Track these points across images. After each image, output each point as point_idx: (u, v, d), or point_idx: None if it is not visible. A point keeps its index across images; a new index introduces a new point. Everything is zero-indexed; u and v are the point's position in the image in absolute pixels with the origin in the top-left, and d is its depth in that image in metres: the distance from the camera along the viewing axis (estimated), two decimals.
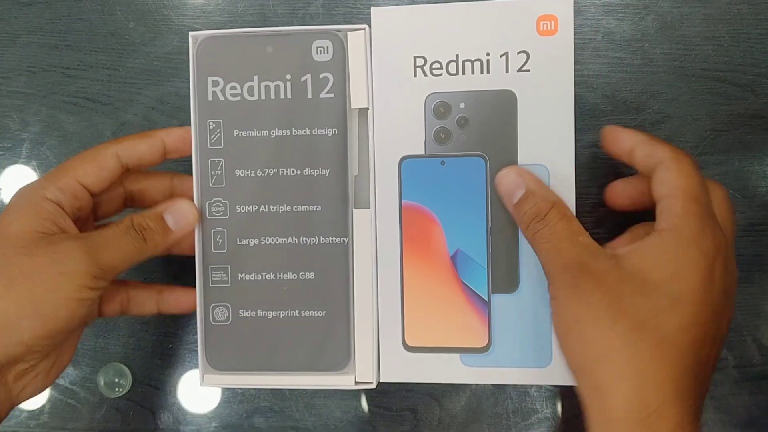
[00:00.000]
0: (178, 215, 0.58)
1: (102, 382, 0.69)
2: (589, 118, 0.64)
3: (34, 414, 0.71)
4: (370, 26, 0.58)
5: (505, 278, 0.58)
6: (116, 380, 0.69)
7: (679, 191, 0.50)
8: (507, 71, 0.57)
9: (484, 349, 0.59)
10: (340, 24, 0.64)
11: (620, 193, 0.60)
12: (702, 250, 0.49)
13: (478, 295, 0.58)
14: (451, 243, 0.58)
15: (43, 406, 0.70)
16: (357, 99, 0.58)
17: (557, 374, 0.58)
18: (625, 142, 0.55)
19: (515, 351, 0.58)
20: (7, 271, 0.51)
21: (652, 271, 0.49)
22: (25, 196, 0.55)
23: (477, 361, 0.59)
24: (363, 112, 0.59)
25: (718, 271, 0.49)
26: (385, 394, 0.67)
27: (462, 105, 0.57)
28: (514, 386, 0.65)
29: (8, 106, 0.70)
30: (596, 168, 0.64)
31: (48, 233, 0.53)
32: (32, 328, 0.51)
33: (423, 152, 0.58)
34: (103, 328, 0.70)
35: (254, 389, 0.69)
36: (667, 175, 0.51)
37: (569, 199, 0.56)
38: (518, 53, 0.56)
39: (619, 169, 0.64)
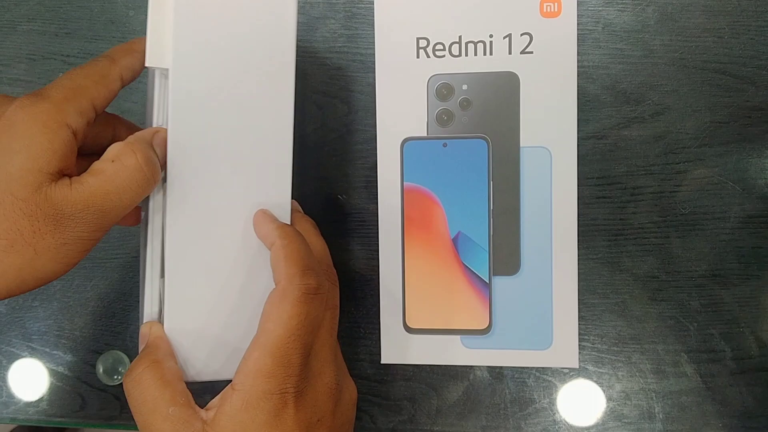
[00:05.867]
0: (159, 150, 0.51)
1: (101, 370, 0.69)
2: (589, 109, 0.64)
3: (33, 402, 0.70)
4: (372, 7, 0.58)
5: (506, 261, 0.58)
6: (115, 368, 0.69)
7: (262, 337, 0.48)
8: (510, 53, 0.57)
9: (485, 331, 0.59)
10: (342, 12, 0.64)
11: None
12: (265, 409, 0.47)
13: (479, 277, 0.58)
14: (452, 225, 0.58)
15: (43, 394, 0.70)
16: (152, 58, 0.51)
17: (558, 356, 0.58)
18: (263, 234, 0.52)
19: (516, 333, 0.58)
20: (4, 226, 0.44)
21: None
22: (41, 120, 0.45)
23: (478, 343, 0.59)
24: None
25: (288, 419, 0.48)
26: (383, 383, 0.67)
27: (464, 87, 0.58)
28: (512, 376, 0.65)
29: (8, 93, 0.70)
30: (597, 159, 0.64)
31: (53, 175, 0.45)
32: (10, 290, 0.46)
33: (425, 134, 0.58)
34: (102, 316, 0.70)
35: None
36: (268, 306, 0.49)
37: (571, 181, 0.56)
38: (521, 35, 0.57)
39: (620, 161, 0.64)
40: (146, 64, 0.50)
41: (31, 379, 0.70)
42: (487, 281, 0.58)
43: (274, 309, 0.48)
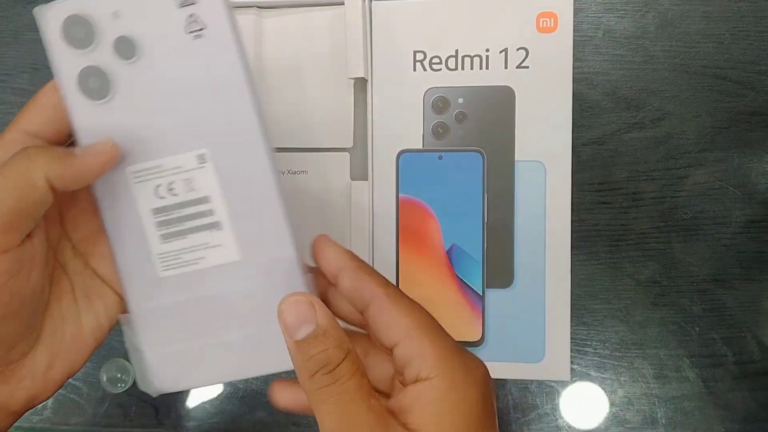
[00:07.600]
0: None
1: (105, 378, 0.69)
2: (589, 115, 0.64)
3: (37, 410, 0.71)
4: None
5: (500, 273, 0.59)
6: (119, 376, 0.69)
7: (415, 329, 0.43)
8: (506, 67, 0.57)
9: (478, 343, 0.59)
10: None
11: (284, 395, 0.49)
12: (469, 394, 0.43)
13: (472, 289, 0.59)
14: (447, 237, 0.59)
15: (46, 401, 0.71)
16: (353, 68, 0.58)
17: (550, 369, 0.59)
18: (330, 261, 0.46)
19: (509, 345, 0.59)
20: None
21: None
22: None
23: None
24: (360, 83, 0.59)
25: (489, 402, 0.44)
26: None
27: (461, 100, 0.58)
28: (514, 381, 0.65)
29: (12, 102, 0.71)
30: (598, 165, 0.64)
31: None
32: None
33: (421, 146, 0.58)
34: None
35: (256, 385, 0.69)
36: (387, 316, 0.44)
37: (565, 196, 0.56)
38: (517, 50, 0.57)
39: (621, 167, 0.64)
40: (349, 76, 0.58)
41: None
42: (481, 293, 0.59)
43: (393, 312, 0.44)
